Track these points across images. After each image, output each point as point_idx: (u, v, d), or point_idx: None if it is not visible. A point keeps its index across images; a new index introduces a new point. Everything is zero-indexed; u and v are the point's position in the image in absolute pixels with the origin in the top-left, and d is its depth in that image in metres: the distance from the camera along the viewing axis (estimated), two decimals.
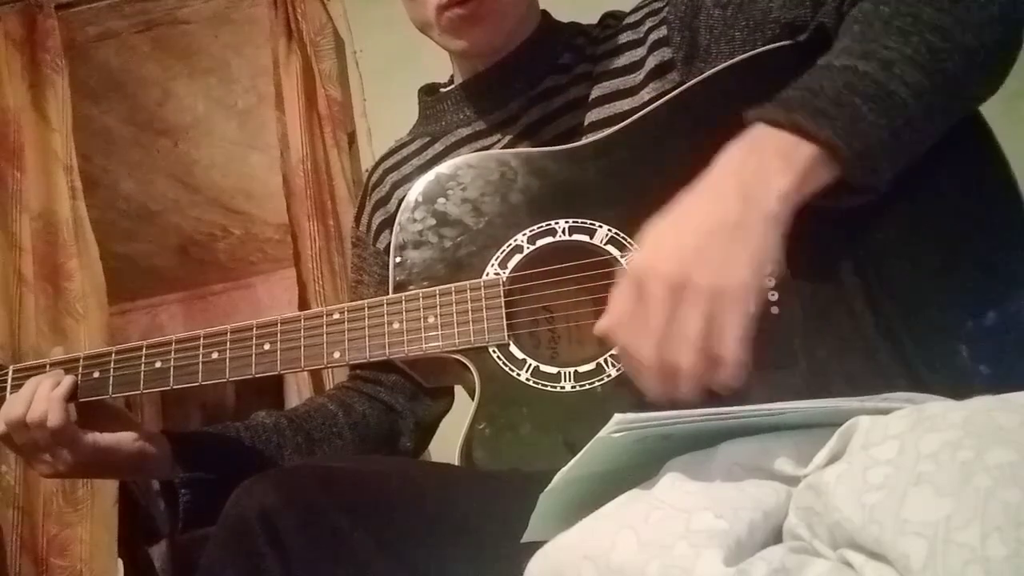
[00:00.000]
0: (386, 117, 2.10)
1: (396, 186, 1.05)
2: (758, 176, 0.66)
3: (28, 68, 2.23)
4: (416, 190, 0.91)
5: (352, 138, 2.21)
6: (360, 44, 2.23)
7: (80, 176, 2.22)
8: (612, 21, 1.01)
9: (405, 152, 1.07)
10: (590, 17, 1.04)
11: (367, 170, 1.15)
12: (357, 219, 1.12)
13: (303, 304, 2.13)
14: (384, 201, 1.06)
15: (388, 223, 1.03)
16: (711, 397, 0.65)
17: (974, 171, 0.77)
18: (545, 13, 1.04)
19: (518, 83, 0.98)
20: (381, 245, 1.06)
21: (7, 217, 2.17)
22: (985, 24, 0.70)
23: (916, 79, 0.68)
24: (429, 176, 0.91)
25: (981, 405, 0.52)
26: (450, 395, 1.10)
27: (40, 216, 2.17)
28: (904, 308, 0.73)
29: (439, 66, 1.10)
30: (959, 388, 0.60)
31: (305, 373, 2.09)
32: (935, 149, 0.75)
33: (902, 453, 0.49)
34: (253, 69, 2.72)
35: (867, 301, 0.74)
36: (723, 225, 0.65)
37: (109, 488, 2.10)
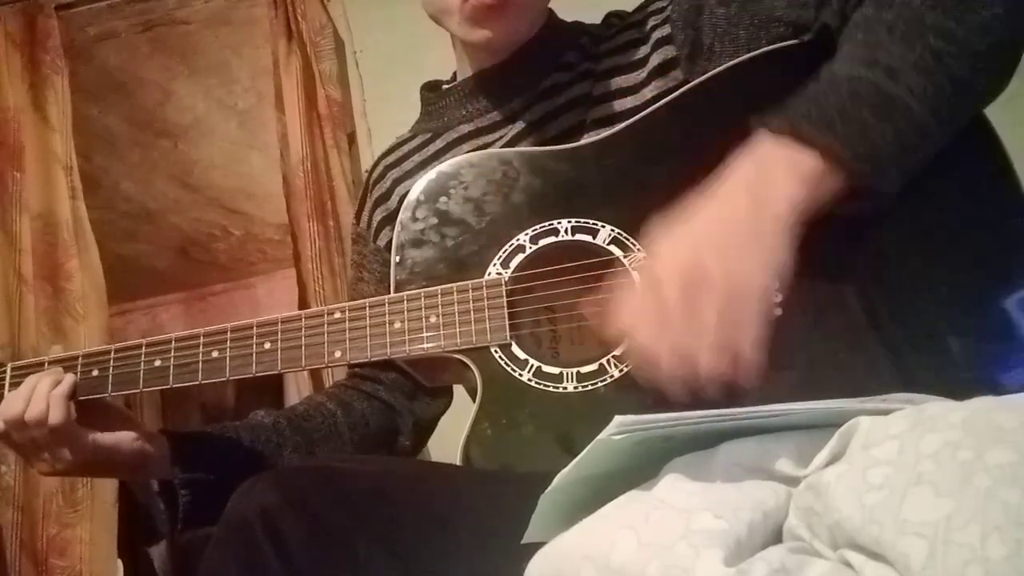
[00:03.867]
0: (386, 117, 2.10)
1: (397, 182, 1.05)
2: (766, 184, 0.68)
3: (28, 68, 2.23)
4: (418, 188, 0.91)
5: (352, 138, 2.21)
6: (360, 44, 2.23)
7: (80, 176, 2.22)
8: (616, 20, 1.01)
9: (406, 148, 1.06)
10: (593, 17, 1.04)
11: (367, 170, 1.15)
12: (357, 216, 1.12)
13: (303, 304, 2.13)
14: (385, 198, 1.06)
15: (389, 220, 1.03)
16: (731, 396, 0.65)
17: (976, 173, 0.77)
18: (550, 12, 1.03)
19: (521, 80, 0.98)
20: (382, 242, 1.06)
21: (7, 217, 2.17)
22: (989, 25, 0.71)
23: (921, 85, 0.69)
24: (431, 175, 0.91)
25: (981, 405, 0.52)
26: (448, 394, 1.10)
27: (40, 216, 2.17)
28: (900, 311, 0.73)
29: (439, 66, 1.10)
30: (954, 390, 0.60)
31: (305, 372, 2.09)
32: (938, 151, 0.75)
33: (902, 453, 0.49)
34: (253, 69, 2.72)
35: (864, 303, 0.74)
36: (736, 224, 0.67)
37: (109, 488, 2.10)
